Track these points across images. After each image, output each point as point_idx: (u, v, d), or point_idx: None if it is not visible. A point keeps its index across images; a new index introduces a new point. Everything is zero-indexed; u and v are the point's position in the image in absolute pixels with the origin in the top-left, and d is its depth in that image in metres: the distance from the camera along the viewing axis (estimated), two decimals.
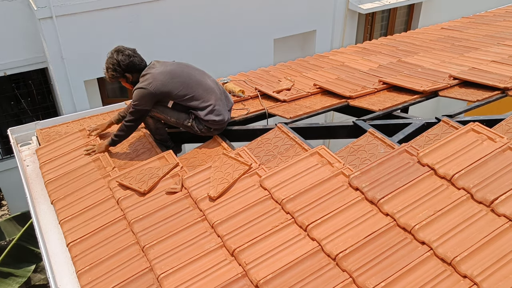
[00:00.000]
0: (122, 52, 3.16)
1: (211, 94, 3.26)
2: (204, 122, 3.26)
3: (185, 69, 3.26)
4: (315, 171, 2.65)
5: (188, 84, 3.20)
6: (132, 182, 2.90)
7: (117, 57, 3.14)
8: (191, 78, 3.23)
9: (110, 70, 3.18)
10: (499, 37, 5.15)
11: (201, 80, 3.27)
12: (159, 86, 3.11)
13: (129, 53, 3.17)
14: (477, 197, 2.20)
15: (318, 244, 2.21)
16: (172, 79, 3.15)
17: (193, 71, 3.30)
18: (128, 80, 3.24)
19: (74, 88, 6.98)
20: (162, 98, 3.19)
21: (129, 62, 3.15)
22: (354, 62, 4.87)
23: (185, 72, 3.24)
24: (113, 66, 3.15)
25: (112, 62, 3.15)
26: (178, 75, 3.19)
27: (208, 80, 3.32)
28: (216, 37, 7.78)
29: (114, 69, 3.16)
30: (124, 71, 3.18)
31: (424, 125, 3.17)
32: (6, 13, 6.83)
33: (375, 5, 8.93)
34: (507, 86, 3.57)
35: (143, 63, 3.23)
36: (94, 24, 6.71)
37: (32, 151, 3.68)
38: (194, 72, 3.29)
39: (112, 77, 3.22)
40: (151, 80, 3.12)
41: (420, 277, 1.95)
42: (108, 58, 3.18)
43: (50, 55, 6.68)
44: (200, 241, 2.42)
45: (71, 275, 2.47)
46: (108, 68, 3.19)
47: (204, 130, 3.31)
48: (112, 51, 3.18)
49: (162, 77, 3.13)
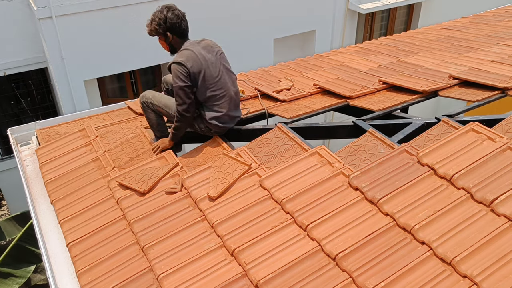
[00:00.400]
0: (173, 10, 3.08)
1: (227, 104, 3.23)
2: (206, 123, 3.25)
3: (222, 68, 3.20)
4: (315, 171, 2.65)
5: (217, 84, 3.15)
6: (132, 182, 2.90)
7: (167, 14, 3.06)
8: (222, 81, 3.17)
9: (154, 23, 3.09)
10: (499, 37, 5.15)
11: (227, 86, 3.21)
12: (194, 68, 3.05)
13: (179, 14, 3.10)
14: (477, 197, 2.20)
15: (318, 244, 2.21)
16: (203, 67, 3.09)
17: (226, 74, 3.23)
18: (167, 39, 3.15)
19: (74, 88, 6.98)
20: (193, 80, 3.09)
21: (176, 22, 3.07)
22: (354, 62, 4.87)
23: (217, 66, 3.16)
24: (159, 20, 3.07)
25: (160, 16, 3.07)
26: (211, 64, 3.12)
27: (232, 90, 3.26)
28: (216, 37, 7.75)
29: (159, 23, 3.08)
30: (167, 30, 3.10)
31: (424, 125, 3.17)
32: (6, 13, 6.83)
33: (375, 5, 8.94)
34: (507, 86, 3.57)
35: (187, 30, 3.16)
36: (94, 24, 6.71)
37: (32, 151, 3.68)
38: (226, 75, 3.23)
39: (154, 30, 3.13)
40: (190, 57, 3.05)
41: (420, 277, 1.95)
42: (157, 12, 3.10)
43: (50, 55, 6.68)
44: (200, 241, 2.42)
45: (71, 275, 2.47)
46: (153, 20, 3.10)
47: (204, 129, 3.31)
48: (163, 6, 3.10)
49: (199, 60, 3.07)
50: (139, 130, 3.60)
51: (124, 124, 3.73)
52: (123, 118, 3.82)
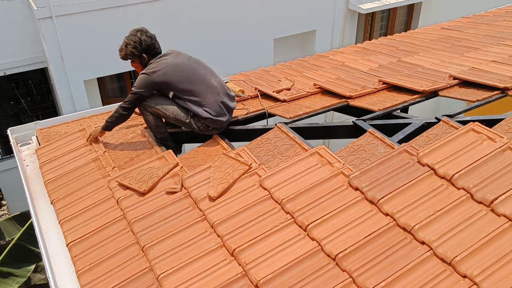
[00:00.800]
0: (145, 33, 3.23)
1: (212, 94, 3.26)
2: (203, 120, 3.26)
3: (193, 64, 3.29)
4: (315, 171, 2.65)
5: (190, 79, 3.22)
6: (132, 182, 2.90)
7: (141, 36, 3.20)
8: (196, 74, 3.25)
9: (130, 46, 3.21)
10: (499, 37, 5.15)
11: (205, 77, 3.28)
12: (161, 76, 3.16)
13: (152, 35, 3.26)
14: (477, 197, 2.20)
15: (318, 244, 2.21)
16: (176, 71, 3.19)
17: (200, 68, 3.31)
18: (143, 61, 3.28)
19: (74, 88, 6.98)
20: (163, 88, 3.25)
21: (150, 43, 3.22)
22: (354, 62, 4.87)
23: (191, 67, 3.26)
24: (135, 43, 3.19)
25: (135, 39, 3.20)
26: (183, 69, 3.22)
27: (213, 79, 3.32)
28: (216, 37, 7.78)
29: (135, 46, 3.20)
30: (143, 52, 3.23)
31: (424, 125, 3.17)
32: (6, 13, 6.83)
33: (375, 5, 8.94)
34: (507, 86, 3.57)
35: (159, 50, 3.30)
36: (93, 24, 6.71)
37: (32, 151, 3.68)
38: (200, 68, 3.30)
39: (130, 54, 3.24)
40: (156, 68, 3.18)
41: (420, 277, 1.95)
42: (131, 35, 3.22)
43: (50, 55, 6.68)
44: (200, 241, 2.42)
45: (71, 275, 2.47)
46: (128, 44, 3.22)
47: (202, 128, 3.31)
48: (135, 30, 3.23)
49: (167, 68, 3.18)
50: (139, 130, 3.60)
51: (124, 124, 3.73)
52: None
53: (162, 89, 3.29)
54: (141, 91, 3.21)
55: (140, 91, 3.21)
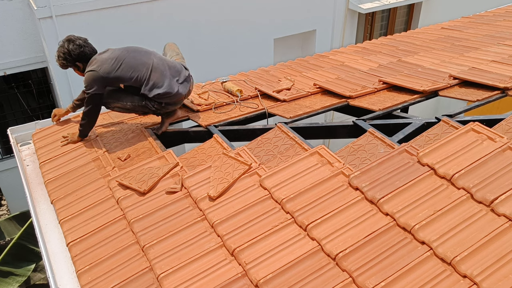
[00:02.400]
0: (73, 41, 3.25)
1: (155, 71, 3.30)
2: (154, 98, 3.32)
3: (131, 53, 3.31)
4: (315, 170, 2.65)
5: (132, 65, 3.25)
6: (132, 182, 2.90)
7: (68, 47, 3.24)
8: (136, 59, 3.28)
9: (60, 58, 3.28)
10: (499, 37, 5.15)
11: (145, 60, 3.31)
12: (107, 70, 3.19)
13: (80, 43, 3.27)
14: (477, 197, 2.20)
15: (318, 243, 2.21)
16: (118, 62, 3.22)
17: (138, 54, 3.34)
18: (79, 68, 3.33)
19: (74, 88, 6.98)
20: (112, 82, 3.28)
21: (79, 52, 3.25)
22: (354, 62, 4.87)
23: (130, 55, 3.29)
24: (64, 55, 3.26)
25: (63, 51, 3.25)
26: (123, 58, 3.25)
27: (154, 58, 3.35)
28: (216, 37, 7.78)
29: (65, 58, 3.26)
30: (75, 60, 3.28)
31: (424, 125, 3.17)
32: (6, 12, 6.83)
33: (375, 4, 8.94)
34: (507, 86, 3.57)
35: (94, 53, 3.32)
36: (94, 23, 6.71)
37: (32, 150, 3.67)
38: (139, 54, 3.33)
39: (62, 65, 3.32)
40: (99, 63, 3.20)
41: (420, 277, 1.95)
42: (59, 47, 3.27)
43: (50, 55, 6.67)
44: (200, 240, 2.42)
45: (71, 274, 2.47)
46: (59, 56, 3.28)
47: (156, 106, 3.37)
48: (64, 40, 3.28)
49: (109, 61, 3.21)
50: (139, 130, 3.60)
51: (124, 124, 3.73)
52: (123, 118, 3.82)
53: (111, 84, 3.31)
54: (94, 90, 3.20)
55: (92, 91, 3.20)
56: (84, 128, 3.43)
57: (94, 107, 3.31)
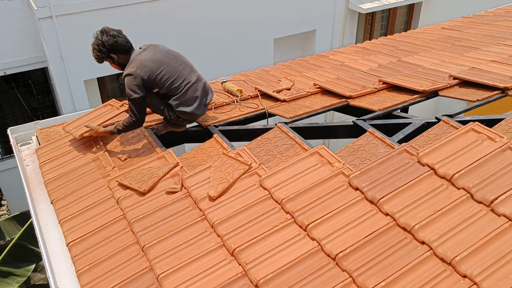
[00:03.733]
0: (107, 32, 3.19)
1: (191, 90, 3.30)
2: (176, 112, 3.33)
3: (172, 60, 3.29)
4: (315, 170, 2.65)
5: (172, 75, 3.24)
6: (132, 182, 2.90)
7: (102, 38, 3.17)
8: (176, 70, 3.27)
9: (95, 50, 3.22)
10: (499, 37, 5.15)
11: (185, 74, 3.30)
12: (147, 73, 3.16)
13: (114, 33, 3.19)
14: (477, 197, 2.20)
15: (318, 244, 2.21)
16: (159, 68, 3.20)
17: (179, 63, 3.31)
18: (114, 61, 3.27)
19: (74, 88, 6.98)
20: (150, 85, 3.25)
21: (113, 42, 3.17)
22: (354, 62, 4.87)
23: (171, 63, 3.27)
24: (98, 46, 3.18)
25: (97, 43, 3.18)
26: (163, 64, 3.22)
27: (193, 75, 3.35)
28: (216, 37, 7.78)
29: (99, 49, 3.19)
30: (109, 52, 3.20)
31: (424, 125, 3.17)
32: (6, 12, 6.83)
33: (375, 4, 8.93)
34: (507, 85, 3.57)
35: (128, 44, 3.26)
36: (94, 23, 6.70)
37: (32, 150, 3.67)
38: (180, 64, 3.31)
39: (97, 57, 3.26)
40: (138, 66, 3.16)
41: (420, 277, 1.95)
42: (94, 39, 3.21)
43: (50, 55, 6.68)
44: (200, 240, 2.42)
45: (71, 274, 2.47)
46: (93, 49, 3.22)
47: (173, 117, 3.38)
48: (98, 32, 3.21)
49: (150, 64, 3.18)
50: (139, 130, 3.60)
51: None
52: (123, 118, 3.82)
53: (150, 86, 3.28)
54: (136, 94, 3.16)
55: (136, 95, 3.16)
56: (124, 131, 3.33)
57: (139, 112, 3.22)
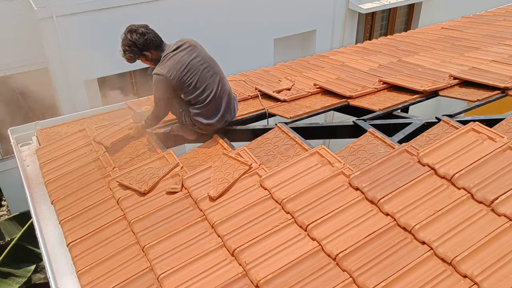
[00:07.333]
0: (135, 31, 3.06)
1: (214, 102, 3.25)
2: (193, 120, 3.30)
3: (203, 69, 3.18)
4: (315, 171, 2.65)
5: (200, 84, 3.16)
6: (132, 182, 2.90)
7: (132, 38, 3.05)
8: (205, 80, 3.18)
9: (127, 52, 3.10)
10: (500, 37, 5.15)
11: (212, 85, 3.21)
12: (177, 78, 3.08)
13: (143, 31, 3.07)
14: (477, 197, 2.20)
15: (318, 244, 2.21)
16: (188, 74, 3.11)
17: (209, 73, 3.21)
18: (147, 58, 3.17)
19: (74, 88, 6.98)
20: (176, 88, 3.17)
21: (144, 40, 3.06)
22: (354, 62, 4.86)
23: (201, 71, 3.16)
24: (130, 48, 3.07)
25: (128, 43, 3.06)
26: (194, 71, 3.13)
27: (220, 87, 3.26)
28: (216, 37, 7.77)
29: (131, 50, 3.08)
30: (142, 50, 3.10)
31: (424, 125, 3.17)
32: (6, 13, 6.83)
33: (375, 5, 8.94)
34: (507, 85, 3.57)
35: (158, 38, 3.16)
36: (94, 24, 6.71)
37: (32, 151, 3.67)
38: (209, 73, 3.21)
39: (130, 58, 3.14)
40: (171, 68, 3.07)
41: (420, 277, 1.95)
42: (123, 40, 3.09)
43: (50, 55, 6.68)
44: (200, 241, 2.42)
45: (71, 275, 2.47)
46: (125, 50, 3.10)
47: (188, 123, 3.34)
48: (125, 32, 3.09)
49: (182, 69, 3.09)
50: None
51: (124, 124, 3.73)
52: (123, 118, 3.82)
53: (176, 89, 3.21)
54: (163, 95, 3.12)
55: (162, 95, 3.12)
56: (149, 124, 3.37)
57: (164, 111, 3.25)
